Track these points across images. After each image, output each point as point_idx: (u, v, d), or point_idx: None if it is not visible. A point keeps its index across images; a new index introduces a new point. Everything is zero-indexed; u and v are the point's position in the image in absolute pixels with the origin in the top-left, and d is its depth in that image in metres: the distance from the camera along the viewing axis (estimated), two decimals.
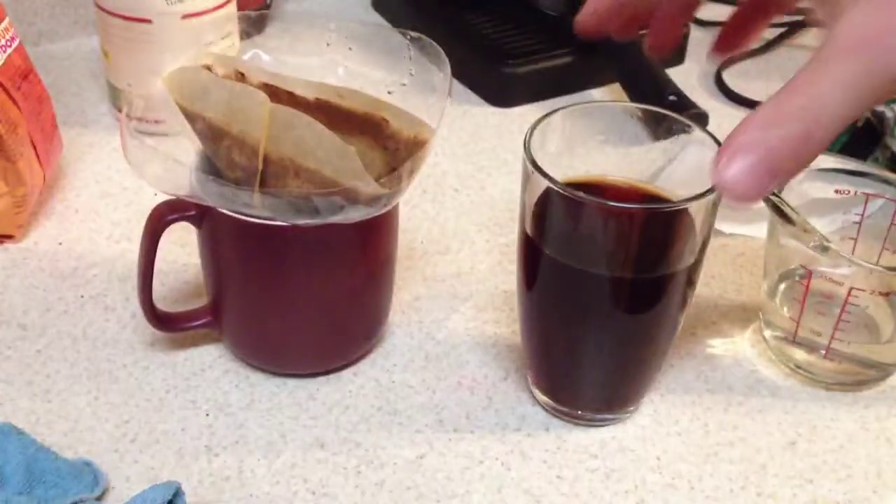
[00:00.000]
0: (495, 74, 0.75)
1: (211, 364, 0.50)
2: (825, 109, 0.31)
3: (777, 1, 0.45)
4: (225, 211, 0.44)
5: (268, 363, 0.50)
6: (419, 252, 0.59)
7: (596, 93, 0.77)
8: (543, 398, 0.49)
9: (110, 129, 0.69)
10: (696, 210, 0.41)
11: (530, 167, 0.42)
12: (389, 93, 0.48)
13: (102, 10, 0.64)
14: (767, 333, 0.53)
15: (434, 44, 0.47)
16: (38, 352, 0.50)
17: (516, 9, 0.79)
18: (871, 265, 0.47)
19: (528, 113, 0.74)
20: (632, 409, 0.49)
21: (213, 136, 0.44)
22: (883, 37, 0.31)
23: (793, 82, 0.32)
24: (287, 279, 0.46)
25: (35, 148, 0.57)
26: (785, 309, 0.52)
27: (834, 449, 0.48)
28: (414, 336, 0.53)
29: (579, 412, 0.48)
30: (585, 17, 0.44)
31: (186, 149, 0.47)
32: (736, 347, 0.53)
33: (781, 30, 0.85)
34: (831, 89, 0.31)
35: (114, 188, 0.63)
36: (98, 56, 0.69)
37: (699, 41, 0.80)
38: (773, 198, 0.48)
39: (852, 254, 0.50)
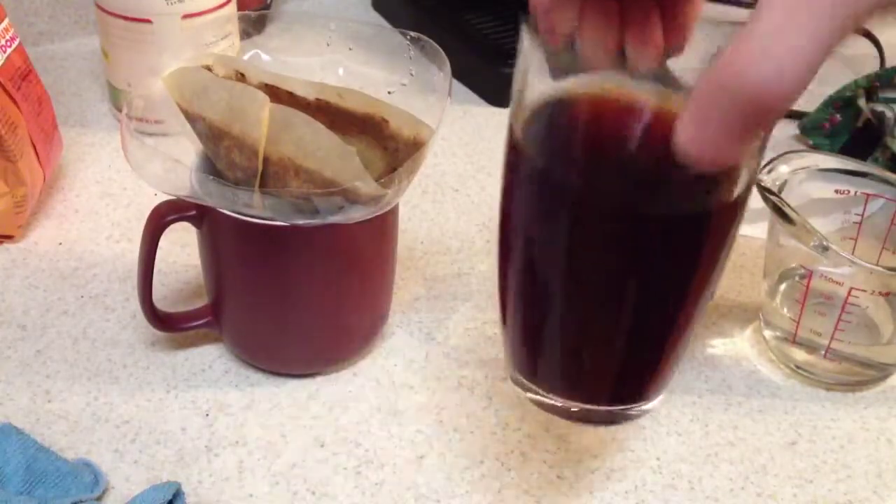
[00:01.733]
0: (495, 74, 0.75)
1: (211, 364, 0.50)
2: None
3: None
4: (225, 211, 0.44)
5: (268, 363, 0.50)
6: (419, 252, 0.59)
7: None
8: (543, 397, 0.49)
9: (110, 129, 0.69)
10: None
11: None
12: (389, 93, 0.48)
13: (102, 10, 0.64)
14: (767, 333, 0.53)
15: (434, 44, 0.47)
16: (38, 352, 0.50)
17: (516, 9, 0.79)
18: (871, 265, 0.47)
19: None
20: (633, 408, 0.48)
21: (213, 136, 0.44)
22: None
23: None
24: (287, 279, 0.46)
25: (35, 148, 0.57)
26: (785, 309, 0.52)
27: (834, 449, 0.48)
28: (414, 336, 0.53)
29: (580, 412, 0.48)
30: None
31: (186, 149, 0.47)
32: (736, 347, 0.53)
33: None
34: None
35: (114, 188, 0.63)
36: (98, 56, 0.69)
37: None
38: (773, 198, 0.48)
39: (852, 254, 0.50)
